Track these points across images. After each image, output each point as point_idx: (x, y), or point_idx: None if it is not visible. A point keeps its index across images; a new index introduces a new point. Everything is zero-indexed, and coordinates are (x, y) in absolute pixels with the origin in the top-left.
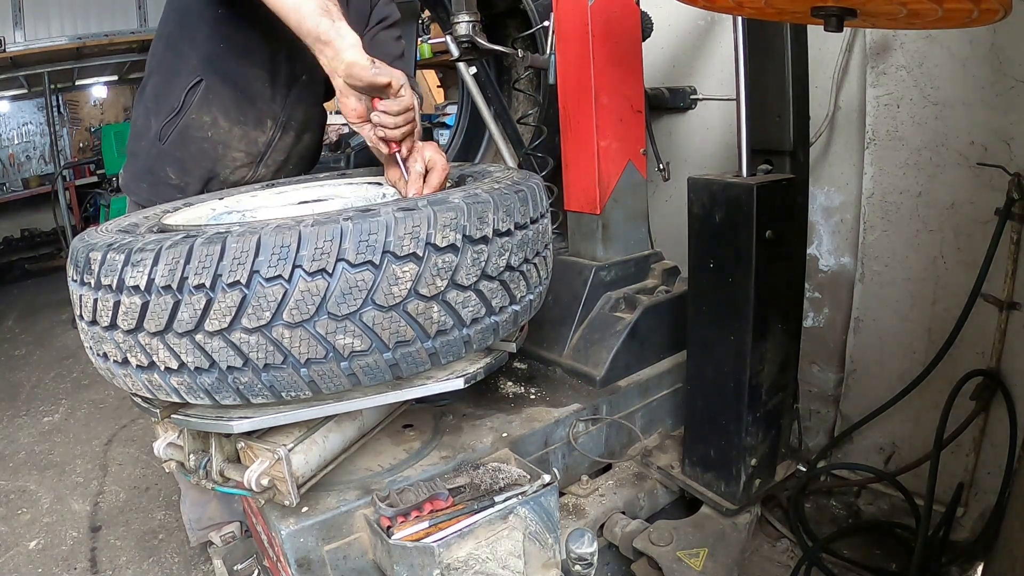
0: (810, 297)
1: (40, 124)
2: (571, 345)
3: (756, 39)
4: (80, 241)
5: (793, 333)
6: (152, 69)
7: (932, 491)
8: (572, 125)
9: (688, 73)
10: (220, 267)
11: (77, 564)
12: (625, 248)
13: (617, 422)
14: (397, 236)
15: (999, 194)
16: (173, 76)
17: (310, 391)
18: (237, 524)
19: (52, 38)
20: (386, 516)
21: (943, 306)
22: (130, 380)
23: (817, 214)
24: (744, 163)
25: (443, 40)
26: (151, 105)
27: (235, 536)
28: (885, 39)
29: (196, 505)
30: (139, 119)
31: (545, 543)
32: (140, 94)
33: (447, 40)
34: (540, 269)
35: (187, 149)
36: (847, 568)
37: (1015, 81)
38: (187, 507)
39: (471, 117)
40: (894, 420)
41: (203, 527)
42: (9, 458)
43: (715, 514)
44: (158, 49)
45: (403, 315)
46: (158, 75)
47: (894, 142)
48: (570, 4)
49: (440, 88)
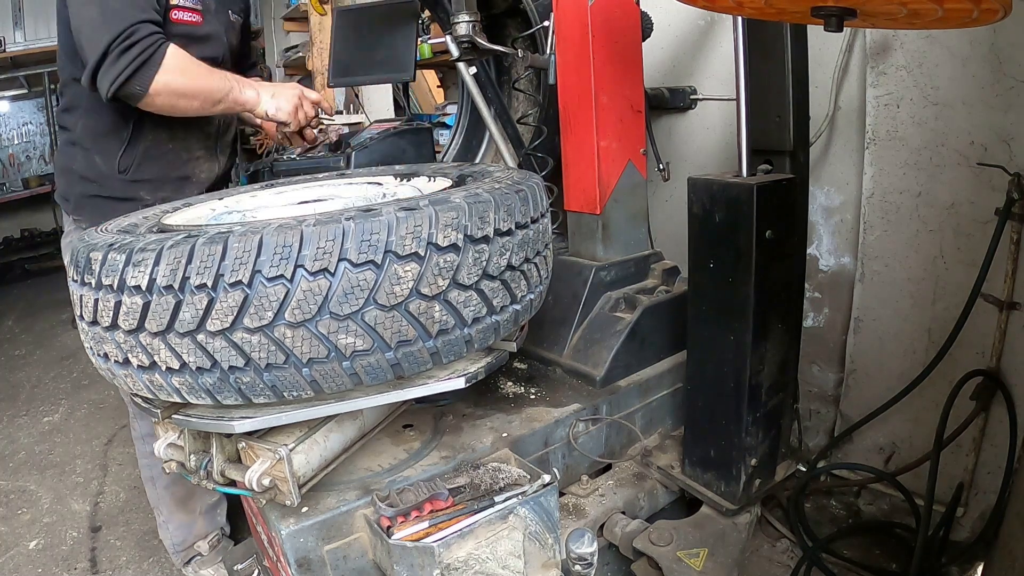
0: (810, 297)
1: (40, 124)
2: (571, 345)
3: (756, 39)
4: (80, 241)
5: (793, 333)
6: (77, 109)
7: (932, 491)
8: (572, 125)
9: (688, 73)
10: (222, 267)
11: (77, 564)
12: (625, 248)
13: (617, 422)
14: (399, 236)
15: (999, 194)
16: (111, 113)
17: (312, 391)
18: (219, 529)
19: (52, 38)
20: (386, 516)
21: (943, 306)
22: (131, 380)
23: (817, 214)
24: (744, 163)
25: (443, 40)
26: (89, 146)
27: (220, 539)
28: (885, 39)
29: (182, 527)
30: (76, 162)
31: (545, 543)
32: (64, 135)
33: (447, 40)
34: (540, 268)
35: (154, 168)
36: (847, 568)
37: (1015, 81)
38: (171, 530)
39: (471, 117)
40: (894, 420)
41: (188, 546)
42: (9, 458)
43: (715, 514)
44: (77, 92)
45: (405, 314)
46: (88, 117)
47: (894, 142)
48: (570, 4)
49: (440, 88)
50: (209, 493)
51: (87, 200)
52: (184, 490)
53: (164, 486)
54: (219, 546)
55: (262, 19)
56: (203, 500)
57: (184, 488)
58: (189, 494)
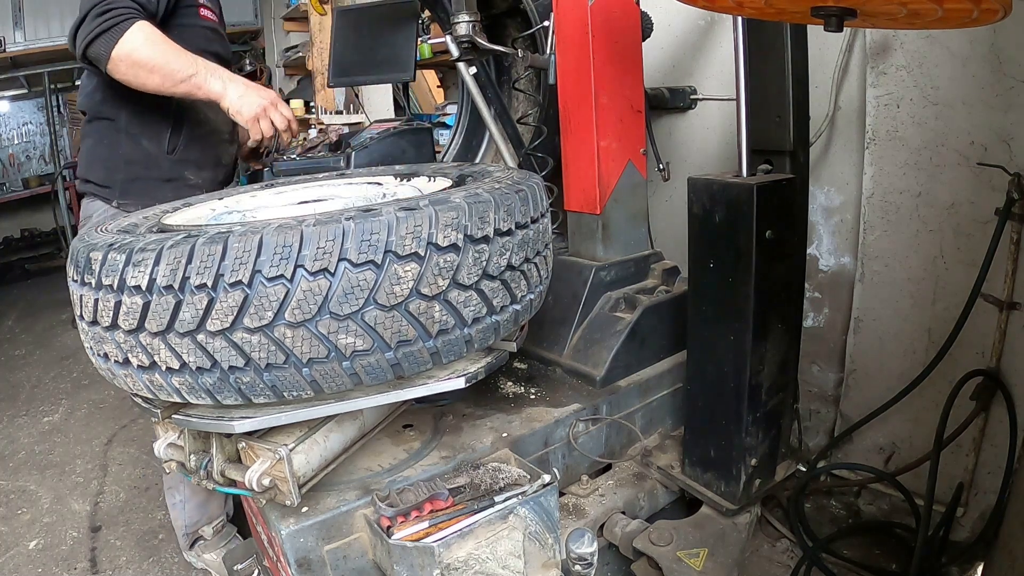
0: (810, 297)
1: (40, 124)
2: (571, 345)
3: (756, 39)
4: (80, 241)
5: (793, 333)
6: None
7: (932, 491)
8: (572, 125)
9: (688, 73)
10: (222, 267)
11: (77, 564)
12: (625, 248)
13: (617, 422)
14: (399, 236)
15: (999, 194)
16: (154, 98)
17: (312, 391)
18: (224, 514)
19: (52, 38)
20: (386, 516)
21: (943, 306)
22: (131, 380)
23: (817, 214)
24: (744, 163)
25: (443, 40)
26: (137, 131)
27: (224, 523)
28: (885, 39)
29: (200, 507)
30: (120, 148)
31: (545, 543)
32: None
33: (447, 40)
34: (540, 268)
35: (197, 149)
36: (847, 568)
37: (1015, 81)
38: (188, 511)
39: (471, 117)
40: (894, 420)
41: (199, 527)
42: (9, 458)
43: (715, 514)
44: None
45: (405, 314)
46: (129, 106)
47: (894, 142)
48: (570, 4)
49: (440, 88)
50: None
51: (134, 184)
52: None
53: None
54: (223, 531)
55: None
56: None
57: None
58: None
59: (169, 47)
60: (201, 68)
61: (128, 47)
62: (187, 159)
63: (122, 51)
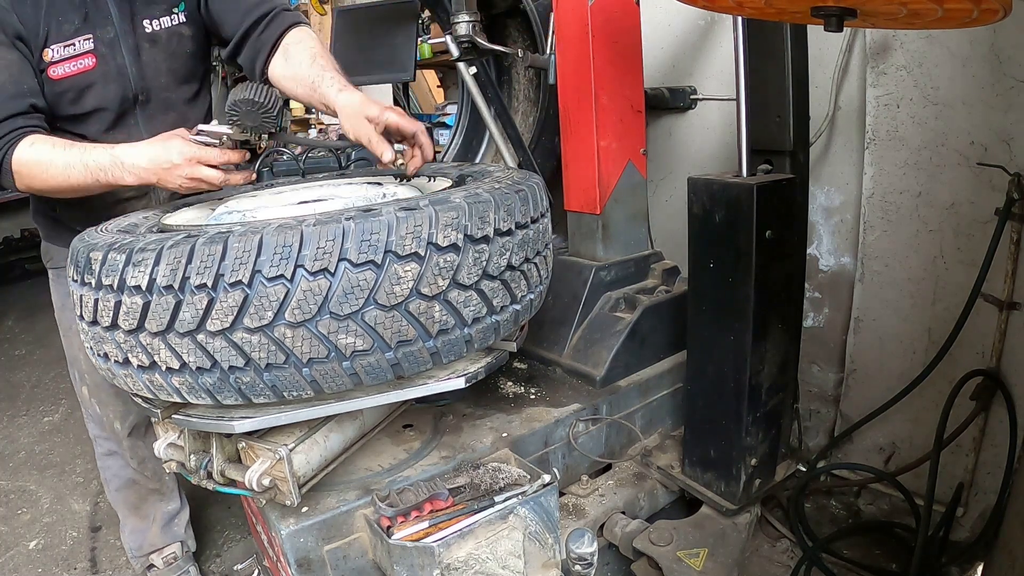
0: (810, 297)
1: None
2: (571, 345)
3: (756, 39)
4: (80, 241)
5: (793, 333)
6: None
7: (932, 491)
8: (572, 125)
9: (688, 73)
10: (222, 267)
11: (77, 564)
12: (625, 248)
13: (617, 422)
14: (399, 236)
15: (999, 194)
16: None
17: (312, 391)
18: (178, 544)
19: None
20: (386, 516)
21: (943, 306)
22: (131, 380)
23: (817, 214)
24: (744, 163)
25: (443, 40)
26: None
27: (176, 556)
28: (885, 39)
29: (136, 533)
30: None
31: (545, 543)
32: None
33: (447, 40)
34: (540, 268)
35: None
36: (847, 568)
37: (1015, 81)
38: (127, 534)
39: (471, 117)
40: (894, 420)
41: (144, 553)
42: (9, 458)
43: (715, 514)
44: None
45: (405, 314)
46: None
47: (894, 142)
48: (570, 4)
49: (440, 88)
50: (164, 501)
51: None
52: (136, 496)
53: (116, 489)
54: (174, 564)
55: None
56: (157, 508)
57: (136, 494)
58: (141, 499)
59: (37, 168)
60: (77, 160)
61: (18, 178)
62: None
63: (18, 183)
